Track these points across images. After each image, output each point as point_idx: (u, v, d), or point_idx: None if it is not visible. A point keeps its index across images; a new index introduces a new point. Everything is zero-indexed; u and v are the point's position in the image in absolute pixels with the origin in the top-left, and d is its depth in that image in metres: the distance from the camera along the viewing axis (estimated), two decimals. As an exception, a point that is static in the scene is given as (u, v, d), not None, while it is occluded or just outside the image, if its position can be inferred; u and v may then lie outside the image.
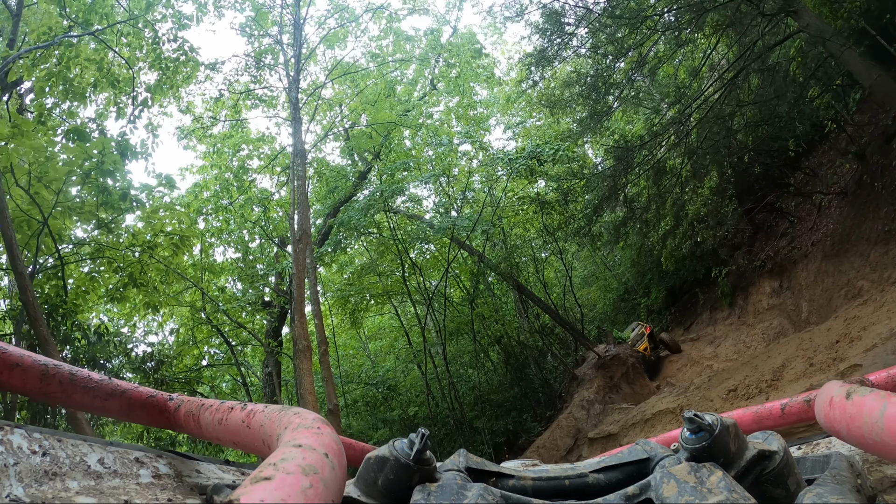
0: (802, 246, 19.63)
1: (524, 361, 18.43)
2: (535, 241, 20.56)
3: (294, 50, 13.60)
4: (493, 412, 17.66)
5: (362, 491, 0.92)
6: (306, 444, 0.64)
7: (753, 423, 1.42)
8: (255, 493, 0.49)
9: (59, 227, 9.24)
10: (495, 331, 17.94)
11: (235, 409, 1.03)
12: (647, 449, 0.99)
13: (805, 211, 20.39)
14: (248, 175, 18.53)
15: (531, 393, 17.81)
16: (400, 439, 0.94)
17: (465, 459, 0.97)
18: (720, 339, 22.87)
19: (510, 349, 18.40)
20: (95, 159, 8.27)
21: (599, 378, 15.81)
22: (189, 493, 1.05)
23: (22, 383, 1.06)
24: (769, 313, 20.26)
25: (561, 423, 14.48)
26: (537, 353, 18.92)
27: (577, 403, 15.04)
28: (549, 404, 17.02)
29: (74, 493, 0.86)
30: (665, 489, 0.84)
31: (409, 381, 21.05)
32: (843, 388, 0.92)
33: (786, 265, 19.98)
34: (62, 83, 10.53)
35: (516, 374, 18.20)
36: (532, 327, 18.88)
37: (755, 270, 21.78)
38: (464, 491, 0.85)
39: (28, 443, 0.87)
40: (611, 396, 15.40)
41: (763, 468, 0.93)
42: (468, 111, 20.76)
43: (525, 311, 21.26)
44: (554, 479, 0.96)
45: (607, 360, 16.19)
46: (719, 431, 0.92)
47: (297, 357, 11.17)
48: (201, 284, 15.63)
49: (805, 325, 17.35)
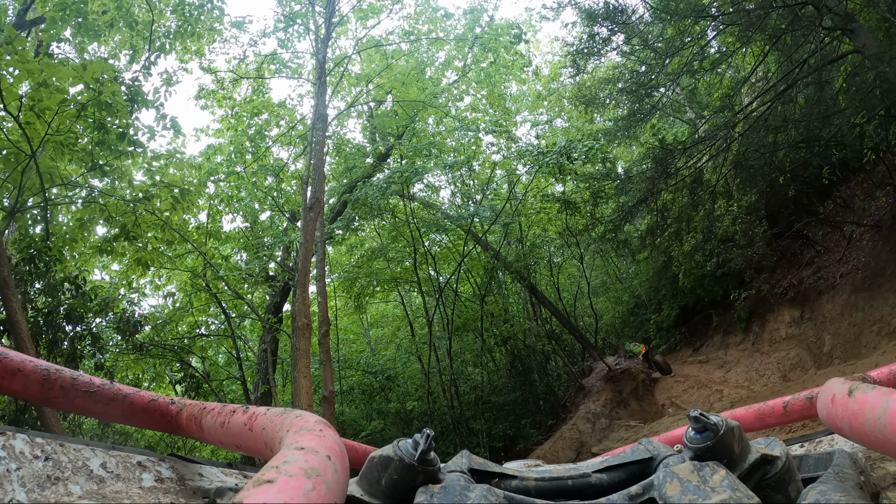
0: (830, 277, 18.92)
1: (529, 365, 17.70)
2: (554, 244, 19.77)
3: (327, 11, 12.86)
4: (492, 414, 16.97)
5: (365, 490, 0.91)
6: (309, 446, 0.63)
7: (756, 421, 1.44)
8: (257, 495, 0.48)
9: (50, 165, 8.52)
10: (503, 330, 17.20)
11: (237, 413, 1.03)
12: (650, 448, 0.98)
13: (833, 241, 19.73)
14: (265, 142, 17.84)
15: (533, 399, 17.10)
16: (404, 439, 0.92)
17: (467, 460, 0.97)
18: (731, 364, 22.13)
19: (516, 351, 17.67)
20: (92, 87, 7.53)
21: (608, 391, 15.08)
22: (192, 496, 1.05)
23: (23, 388, 1.05)
24: (787, 343, 19.48)
25: (564, 434, 13.76)
26: (543, 358, 18.18)
27: (582, 415, 14.32)
28: (550, 413, 16.30)
29: (77, 497, 0.86)
30: (668, 488, 0.83)
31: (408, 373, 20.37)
32: (845, 385, 0.91)
33: (810, 295, 19.25)
34: (76, 16, 9.82)
35: (520, 377, 17.48)
36: (541, 331, 18.15)
37: (776, 297, 21.04)
38: (467, 492, 0.84)
39: (30, 448, 0.87)
40: (618, 412, 14.68)
41: (765, 472, 0.92)
42: (500, 100, 19.92)
43: (535, 314, 20.54)
44: (557, 479, 0.95)
45: (617, 373, 15.46)
46: (724, 432, 0.91)
47: (294, 335, 10.46)
48: (204, 249, 14.96)
49: (827, 360, 16.60)
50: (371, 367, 19.81)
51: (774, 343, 20.31)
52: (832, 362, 15.95)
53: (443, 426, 16.87)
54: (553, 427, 15.19)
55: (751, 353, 21.56)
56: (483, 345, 17.31)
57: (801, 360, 18.03)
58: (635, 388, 15.49)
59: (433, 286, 17.59)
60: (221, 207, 17.49)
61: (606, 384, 15.26)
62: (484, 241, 19.95)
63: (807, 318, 19.15)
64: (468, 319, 17.90)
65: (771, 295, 21.33)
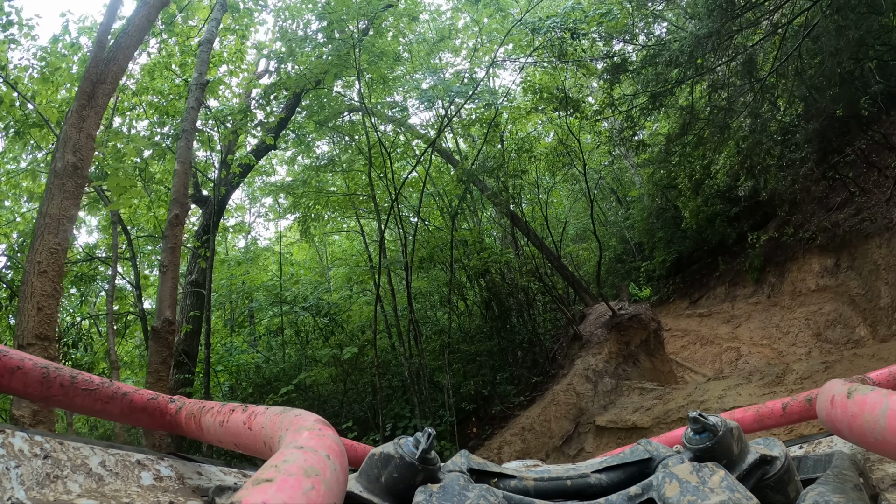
0: (876, 219, 15.67)
1: (509, 306, 14.07)
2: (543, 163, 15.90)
3: None
4: (461, 366, 13.50)
5: (364, 487, 0.91)
6: (308, 445, 0.63)
7: (755, 423, 1.43)
8: (256, 494, 0.48)
9: None
10: (477, 261, 13.47)
11: (237, 411, 1.03)
12: (649, 449, 0.97)
13: (871, 182, 16.50)
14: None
15: (512, 349, 13.56)
16: (406, 437, 0.92)
17: (466, 460, 0.96)
18: (740, 318, 18.96)
19: (494, 288, 14.00)
20: None
21: (612, 342, 11.64)
22: (191, 495, 1.05)
23: (23, 387, 1.04)
24: (817, 296, 16.27)
25: (557, 397, 10.28)
26: (526, 298, 14.56)
27: (579, 372, 10.89)
28: (535, 367, 12.84)
29: (76, 495, 0.86)
30: (667, 489, 0.83)
31: (363, 314, 16.62)
32: (844, 387, 0.91)
33: (851, 240, 16.03)
34: None
35: (497, 322, 13.88)
36: (522, 268, 14.50)
37: (799, 244, 17.83)
38: (465, 492, 0.84)
39: (29, 446, 0.88)
40: (625, 369, 11.29)
41: (764, 473, 0.92)
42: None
43: (516, 248, 16.95)
44: (556, 479, 0.95)
45: (624, 319, 11.98)
46: (723, 433, 0.91)
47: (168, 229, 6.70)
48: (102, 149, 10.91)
49: (885, 314, 13.39)
50: (308, 302, 15.88)
51: (799, 296, 17.10)
52: (894, 317, 12.81)
53: (399, 379, 13.30)
54: (539, 386, 11.72)
55: (766, 306, 18.37)
56: (452, 279, 13.59)
57: (842, 315, 14.80)
58: (646, 339, 12.08)
59: (390, 192, 13.61)
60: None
61: (610, 333, 11.79)
62: (448, 154, 16.22)
63: (845, 266, 15.91)
64: (435, 248, 14.15)
65: (794, 241, 18.13)
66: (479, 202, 18.43)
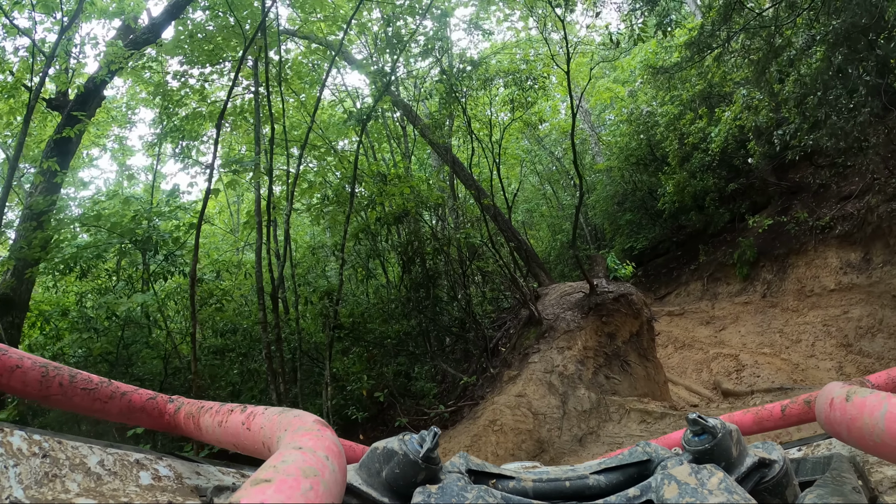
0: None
1: (436, 271, 9.59)
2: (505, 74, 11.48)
3: None
4: (363, 350, 9.06)
5: (364, 480, 0.88)
6: (306, 446, 0.63)
7: (754, 425, 1.42)
8: (254, 494, 0.48)
9: None
10: (397, 204, 8.97)
11: (235, 412, 1.01)
12: (648, 450, 0.95)
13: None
14: None
15: (439, 333, 9.17)
16: (410, 434, 0.90)
17: (465, 461, 0.94)
18: (724, 320, 15.17)
19: (417, 244, 9.49)
20: None
21: (589, 332, 7.49)
22: (189, 494, 1.02)
23: (22, 386, 1.03)
24: (839, 297, 12.55)
25: (500, 417, 5.94)
26: (460, 265, 10.07)
27: (537, 377, 6.68)
28: (467, 358, 8.52)
29: (74, 494, 0.84)
30: (666, 490, 0.82)
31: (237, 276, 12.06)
32: (843, 390, 0.90)
33: (883, 229, 12.49)
34: None
35: (419, 292, 9.41)
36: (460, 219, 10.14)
37: (811, 233, 14.22)
38: (464, 493, 0.82)
39: (28, 444, 0.85)
40: (610, 376, 7.08)
41: (762, 476, 0.90)
42: None
43: (455, 201, 12.62)
44: (554, 480, 0.93)
45: (608, 299, 7.77)
46: (722, 435, 0.89)
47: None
48: None
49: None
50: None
51: (810, 296, 13.37)
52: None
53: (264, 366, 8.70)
54: (471, 392, 7.34)
55: (761, 308, 14.60)
56: (357, 223, 9.04)
57: (882, 321, 11.05)
58: (637, 332, 7.91)
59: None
60: None
61: (586, 318, 7.56)
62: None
63: (879, 262, 12.26)
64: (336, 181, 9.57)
65: (798, 230, 14.49)
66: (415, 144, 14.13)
